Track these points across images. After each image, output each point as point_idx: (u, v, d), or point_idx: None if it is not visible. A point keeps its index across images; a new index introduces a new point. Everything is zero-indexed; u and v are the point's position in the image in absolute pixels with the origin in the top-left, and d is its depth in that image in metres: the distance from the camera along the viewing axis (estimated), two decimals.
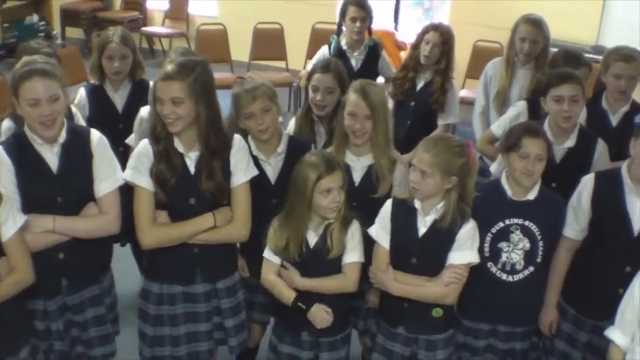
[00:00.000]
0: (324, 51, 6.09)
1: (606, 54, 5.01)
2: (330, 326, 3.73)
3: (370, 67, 6.05)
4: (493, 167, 4.45)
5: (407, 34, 9.42)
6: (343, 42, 6.04)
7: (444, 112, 5.60)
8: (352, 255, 3.66)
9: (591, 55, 9.55)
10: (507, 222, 3.77)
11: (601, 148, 4.31)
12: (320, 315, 3.63)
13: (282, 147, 3.97)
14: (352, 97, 3.89)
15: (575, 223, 3.86)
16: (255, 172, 3.75)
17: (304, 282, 3.64)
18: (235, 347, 3.92)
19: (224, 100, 3.83)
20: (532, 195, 3.78)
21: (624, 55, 4.79)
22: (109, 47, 4.75)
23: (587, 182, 3.84)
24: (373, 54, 6.11)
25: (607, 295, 3.58)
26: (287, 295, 3.65)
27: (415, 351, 3.73)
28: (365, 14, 5.96)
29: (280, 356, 3.85)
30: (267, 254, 3.71)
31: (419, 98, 5.59)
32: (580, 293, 3.90)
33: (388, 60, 6.45)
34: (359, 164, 3.93)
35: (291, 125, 4.52)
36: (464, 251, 3.59)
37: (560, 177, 4.04)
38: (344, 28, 6.07)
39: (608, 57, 4.88)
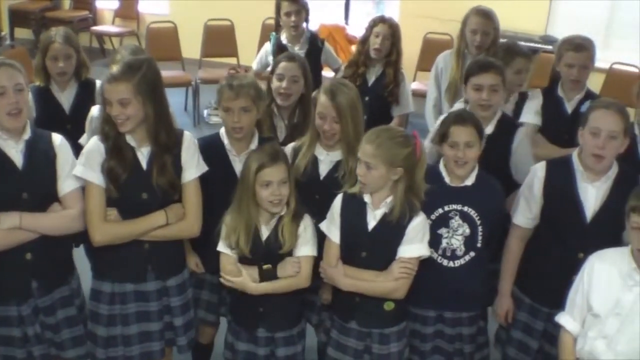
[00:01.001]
0: (267, 48, 6.10)
1: (559, 44, 5.10)
2: (285, 321, 3.76)
3: (314, 60, 6.01)
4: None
5: (358, 28, 9.44)
6: (283, 38, 6.05)
7: (398, 104, 5.64)
8: (304, 249, 3.67)
9: (540, 45, 9.71)
10: (446, 208, 3.80)
11: (521, 136, 4.34)
12: (291, 268, 3.64)
13: (254, 144, 3.95)
14: (321, 98, 3.89)
15: (527, 211, 3.90)
16: (205, 168, 3.74)
17: (256, 287, 3.64)
18: (184, 346, 3.92)
19: (178, 98, 3.82)
20: (469, 181, 3.81)
21: (575, 45, 4.87)
22: (52, 47, 4.67)
23: (538, 170, 3.88)
24: (314, 46, 6.12)
25: (561, 282, 3.61)
26: (250, 272, 3.64)
27: (369, 345, 3.74)
28: (299, 7, 5.97)
29: (237, 354, 3.85)
30: (222, 247, 3.70)
31: (372, 93, 5.58)
32: (535, 281, 3.94)
33: (332, 51, 6.46)
34: (327, 158, 3.94)
35: None
36: (414, 244, 3.60)
37: (480, 163, 4.01)
38: (281, 24, 6.09)
39: (560, 47, 4.97)
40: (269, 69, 4.76)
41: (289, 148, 4.00)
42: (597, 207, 3.72)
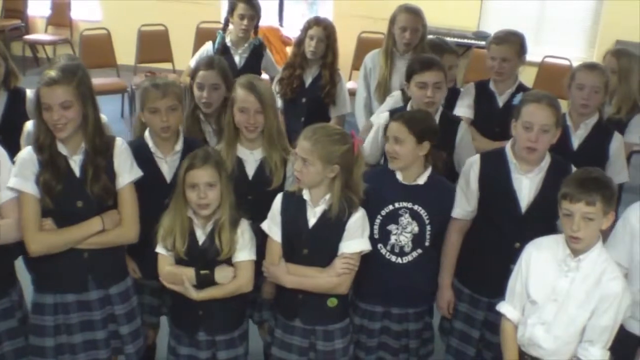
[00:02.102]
0: (207, 47, 6.06)
1: (487, 42, 5.17)
2: (226, 324, 3.75)
3: (254, 65, 6.05)
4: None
5: (292, 30, 9.46)
6: (228, 39, 6.02)
7: (335, 105, 5.64)
8: (243, 254, 3.65)
9: (473, 41, 9.84)
10: (397, 205, 3.83)
11: (462, 130, 4.43)
12: (227, 274, 3.63)
13: (179, 146, 3.94)
14: (240, 92, 3.90)
15: (465, 204, 3.94)
16: (139, 173, 3.71)
17: (198, 294, 3.62)
18: (132, 354, 3.87)
19: (114, 105, 3.80)
20: (421, 180, 3.85)
21: (496, 38, 4.99)
22: None
23: (473, 163, 3.93)
24: (257, 53, 6.12)
25: (499, 272, 3.66)
26: (189, 275, 3.61)
27: (314, 342, 3.76)
28: (254, 13, 5.96)
29: (179, 358, 3.82)
30: (160, 249, 3.67)
31: (309, 94, 5.59)
32: (474, 272, 3.99)
33: (272, 59, 6.46)
34: (252, 157, 3.94)
35: None
36: (355, 240, 3.63)
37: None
38: (230, 25, 6.05)
39: (487, 41, 5.08)
40: (188, 71, 4.72)
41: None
42: (531, 198, 3.78)
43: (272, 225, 3.69)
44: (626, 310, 3.34)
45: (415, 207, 3.84)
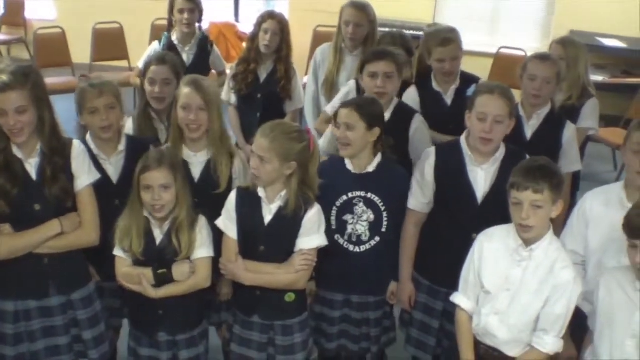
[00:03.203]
0: (154, 47, 6.07)
1: (424, 39, 5.18)
2: (186, 323, 3.76)
3: (202, 61, 6.07)
4: (321, 142, 4.51)
5: (249, 25, 9.42)
6: (174, 38, 6.00)
7: (291, 100, 5.64)
8: (201, 252, 3.66)
9: None
10: (350, 195, 3.88)
11: (417, 123, 4.44)
12: (184, 270, 3.62)
13: (122, 146, 3.93)
14: (184, 90, 3.88)
15: (421, 196, 3.97)
16: (97, 175, 3.70)
17: (156, 292, 3.62)
18: (97, 359, 3.85)
19: (70, 104, 3.77)
20: (371, 168, 3.89)
21: (441, 40, 4.96)
22: None
23: (428, 155, 3.96)
24: (204, 48, 6.12)
25: (457, 263, 3.68)
26: (146, 274, 3.60)
27: (273, 337, 3.76)
28: (194, 6, 5.97)
29: (140, 359, 3.81)
30: (117, 251, 3.66)
31: (265, 89, 5.58)
32: (432, 264, 4.02)
33: (219, 54, 6.48)
34: (196, 160, 3.93)
35: (129, 126, 4.42)
36: (311, 236, 3.64)
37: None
38: (174, 23, 6.04)
39: (428, 43, 5.05)
40: (137, 71, 4.69)
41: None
42: (487, 189, 3.82)
43: (228, 222, 3.69)
44: (578, 298, 3.38)
45: (369, 195, 3.88)
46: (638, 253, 3.07)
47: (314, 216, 3.63)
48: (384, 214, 3.92)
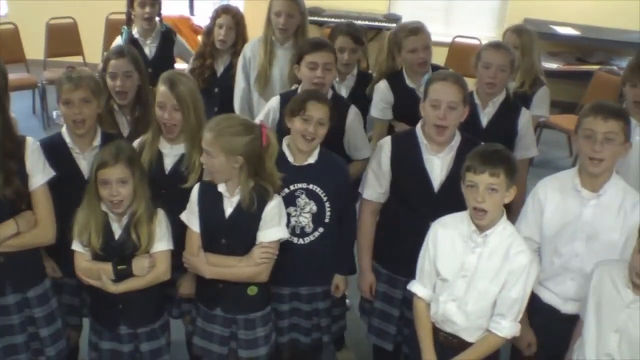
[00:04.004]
0: (117, 43, 5.98)
1: (393, 35, 5.17)
2: (146, 316, 3.75)
3: (166, 54, 5.98)
4: None
5: (204, 18, 9.39)
6: (135, 32, 5.95)
7: None
8: (160, 245, 3.66)
9: (384, 24, 9.89)
10: (292, 187, 3.87)
11: (352, 115, 4.43)
12: (143, 265, 3.62)
13: (97, 141, 3.90)
14: (160, 88, 3.86)
15: (377, 185, 3.99)
16: (52, 173, 3.64)
17: (116, 287, 3.61)
18: (53, 357, 3.82)
19: (24, 101, 3.74)
20: (312, 159, 3.89)
21: (412, 29, 4.95)
22: None
23: (384, 145, 3.98)
24: (167, 40, 6.04)
25: (415, 251, 3.70)
26: (106, 269, 3.59)
27: (235, 331, 3.78)
28: None
29: (101, 353, 3.80)
30: (76, 246, 3.64)
31: (222, 83, 5.56)
32: (390, 253, 4.05)
33: (185, 44, 6.40)
34: (171, 152, 3.92)
35: None
36: (272, 228, 3.66)
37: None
38: (133, 17, 5.97)
39: (397, 36, 5.03)
40: (100, 66, 4.65)
41: (135, 144, 3.95)
42: (443, 177, 3.85)
43: (191, 216, 3.69)
44: (534, 282, 3.43)
45: (311, 186, 3.89)
46: None
47: (273, 209, 3.65)
48: (326, 205, 3.93)
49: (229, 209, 3.64)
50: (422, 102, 3.83)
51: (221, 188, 3.63)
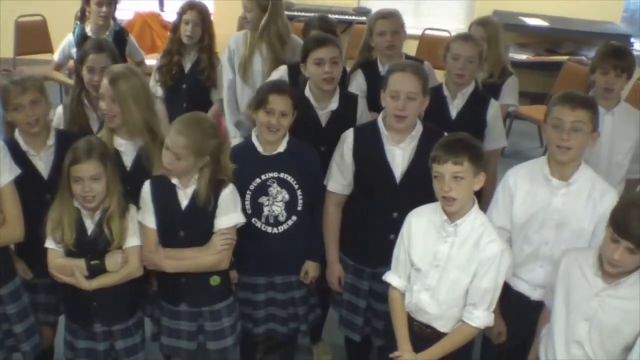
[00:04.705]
0: (69, 39, 6.06)
1: (367, 24, 5.21)
2: (120, 313, 3.76)
3: (119, 52, 5.98)
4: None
5: (174, 14, 9.36)
6: (88, 29, 5.94)
7: (216, 88, 5.63)
8: (132, 240, 3.66)
9: (354, 17, 9.91)
10: (263, 177, 3.92)
11: (362, 107, 4.46)
12: (116, 260, 3.62)
13: (51, 140, 3.87)
14: (103, 80, 3.87)
15: (340, 177, 4.01)
16: (18, 170, 3.63)
17: (90, 284, 3.60)
18: (29, 352, 3.82)
19: None
20: (281, 148, 3.93)
21: (383, 14, 5.05)
22: None
23: (346, 137, 4.00)
24: (120, 39, 6.06)
25: (379, 242, 3.76)
26: (79, 265, 3.59)
27: (202, 324, 3.80)
28: None
29: (77, 352, 3.80)
30: (49, 243, 3.63)
31: (190, 80, 5.57)
32: (355, 244, 4.07)
33: (135, 44, 6.48)
34: (128, 148, 3.90)
35: (59, 113, 4.39)
36: (229, 215, 3.69)
37: (327, 140, 4.17)
38: (88, 14, 6.00)
39: (370, 22, 5.11)
40: (76, 58, 4.63)
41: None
42: (405, 168, 3.87)
43: (144, 213, 3.70)
44: (507, 271, 3.45)
45: (282, 175, 3.93)
46: (618, 250, 3.09)
47: (228, 195, 3.67)
48: (298, 193, 3.98)
49: (184, 200, 3.66)
50: (383, 93, 3.85)
51: (175, 180, 3.65)
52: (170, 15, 9.88)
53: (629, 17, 11.15)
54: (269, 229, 3.97)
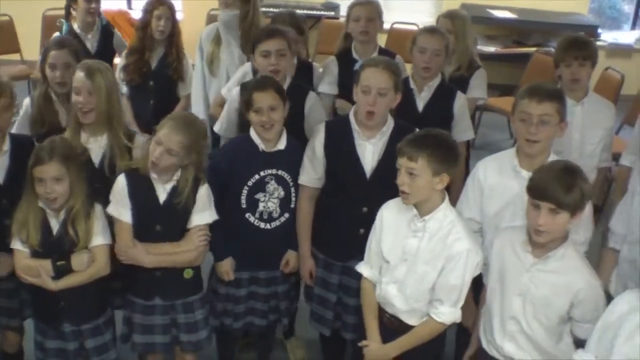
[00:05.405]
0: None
1: (347, 8, 5.25)
2: (89, 312, 3.75)
3: (107, 47, 6.04)
4: (216, 127, 4.54)
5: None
6: (75, 26, 5.92)
7: (184, 82, 5.66)
8: (98, 239, 3.65)
9: (322, 12, 9.91)
10: (262, 173, 3.92)
11: (312, 100, 4.49)
12: (82, 260, 3.60)
13: (7, 146, 3.83)
14: (77, 74, 3.86)
15: (312, 172, 4.01)
16: None
17: (55, 284, 3.59)
18: None
19: None
20: (282, 145, 3.94)
21: (360, 0, 5.09)
22: None
23: (318, 131, 4.01)
24: (107, 34, 6.09)
25: (349, 236, 3.77)
26: (45, 266, 3.57)
27: (175, 317, 3.81)
28: None
29: (47, 352, 3.79)
30: (15, 244, 3.61)
31: (157, 76, 5.60)
32: (326, 238, 4.08)
33: (121, 37, 6.48)
34: (96, 145, 3.90)
35: (26, 106, 4.37)
36: (206, 211, 3.73)
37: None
38: (73, 12, 5.95)
39: (348, 8, 5.17)
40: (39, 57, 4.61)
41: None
42: (375, 163, 3.87)
43: (119, 208, 3.68)
44: (476, 268, 3.45)
45: (279, 172, 3.95)
46: (540, 215, 3.14)
47: (205, 192, 3.71)
48: (292, 190, 4.01)
49: (162, 195, 3.67)
50: (355, 87, 3.86)
51: (154, 175, 3.65)
52: (138, 13, 9.85)
53: (596, 8, 11.28)
54: (262, 225, 3.99)
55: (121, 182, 3.68)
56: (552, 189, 3.11)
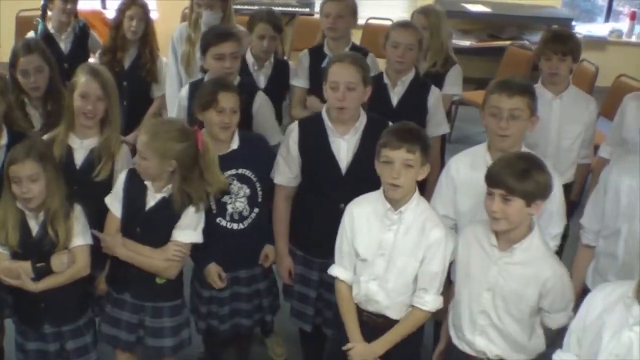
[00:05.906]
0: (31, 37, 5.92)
1: (320, 4, 5.25)
2: (69, 313, 3.75)
3: (82, 48, 5.98)
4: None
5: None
6: (50, 26, 5.89)
7: (158, 83, 5.65)
8: (78, 240, 3.65)
9: (297, 9, 9.91)
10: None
11: (260, 100, 4.51)
12: (62, 261, 3.60)
13: (4, 140, 3.84)
14: (82, 78, 3.85)
15: (287, 171, 4.01)
16: None
17: (36, 286, 3.58)
18: None
19: None
20: (235, 145, 3.94)
21: None
22: None
23: (292, 130, 4.01)
24: (83, 34, 6.04)
25: (327, 233, 3.74)
26: (25, 267, 3.57)
27: (143, 318, 3.81)
28: None
29: (27, 354, 3.78)
30: None
31: (130, 77, 5.57)
32: (304, 235, 4.09)
33: (98, 38, 6.41)
34: (81, 146, 3.90)
35: None
36: (188, 231, 3.71)
37: None
38: (49, 12, 5.91)
39: (321, 5, 5.18)
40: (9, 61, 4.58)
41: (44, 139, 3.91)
42: (350, 159, 3.89)
43: (114, 200, 3.72)
44: (451, 254, 3.47)
45: (240, 170, 3.94)
46: (494, 201, 3.16)
47: (195, 213, 3.70)
48: (257, 185, 4.00)
49: (151, 202, 3.67)
50: (324, 85, 3.86)
51: (147, 183, 3.66)
52: (112, 13, 9.81)
53: (569, 1, 11.32)
54: (235, 226, 3.98)
55: (123, 177, 3.72)
56: (503, 175, 3.14)
